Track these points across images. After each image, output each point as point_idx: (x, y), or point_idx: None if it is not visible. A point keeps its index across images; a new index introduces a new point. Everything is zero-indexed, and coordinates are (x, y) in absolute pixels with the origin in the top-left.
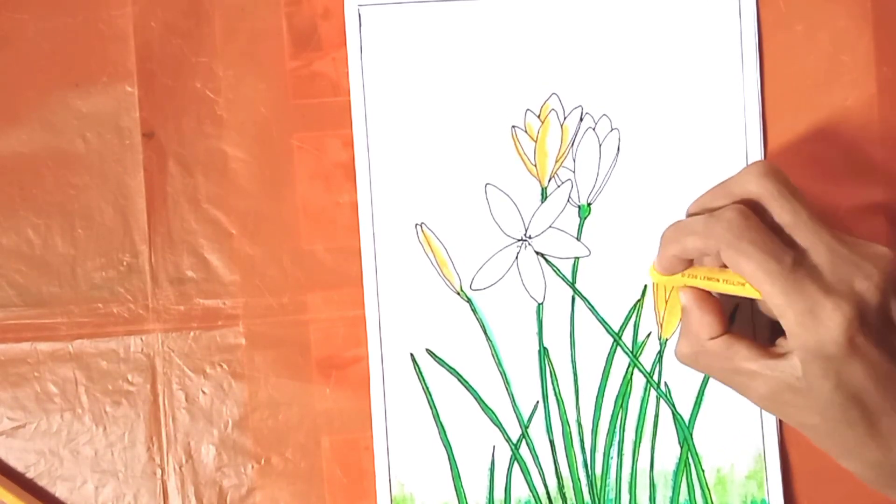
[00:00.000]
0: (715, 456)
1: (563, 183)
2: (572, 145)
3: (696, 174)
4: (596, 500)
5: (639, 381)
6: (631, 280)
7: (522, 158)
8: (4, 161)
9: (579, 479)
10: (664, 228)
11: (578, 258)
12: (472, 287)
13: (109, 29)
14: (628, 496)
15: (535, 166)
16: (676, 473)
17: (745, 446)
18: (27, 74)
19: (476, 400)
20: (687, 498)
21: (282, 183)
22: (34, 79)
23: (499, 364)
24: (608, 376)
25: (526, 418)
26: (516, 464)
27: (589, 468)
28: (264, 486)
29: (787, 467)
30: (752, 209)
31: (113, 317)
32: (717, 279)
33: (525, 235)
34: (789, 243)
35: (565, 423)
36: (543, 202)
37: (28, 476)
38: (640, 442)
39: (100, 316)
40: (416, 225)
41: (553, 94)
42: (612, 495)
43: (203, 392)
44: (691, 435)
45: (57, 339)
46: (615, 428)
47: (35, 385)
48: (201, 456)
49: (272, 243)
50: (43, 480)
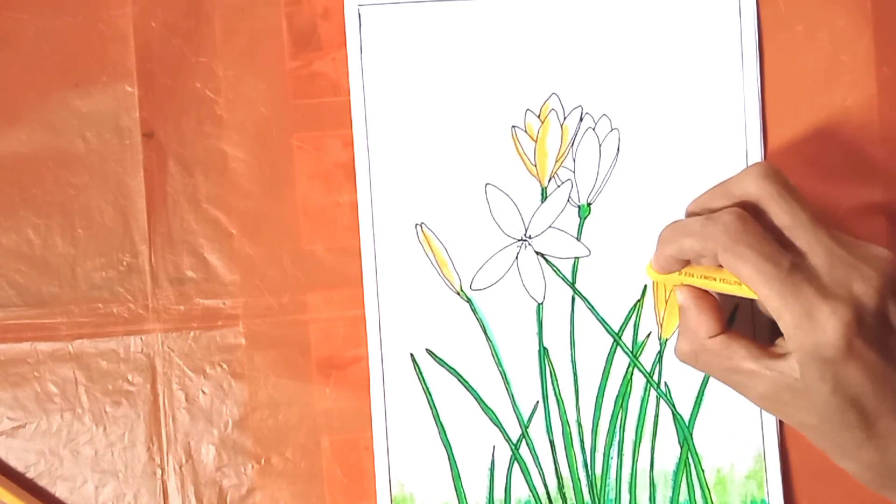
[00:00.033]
0: (715, 456)
1: (563, 183)
2: (572, 145)
3: (696, 174)
4: (596, 500)
5: (639, 381)
6: (631, 280)
7: (522, 158)
8: (4, 161)
9: (579, 479)
10: (662, 227)
11: (578, 258)
12: (472, 287)
13: (109, 29)
14: (628, 496)
15: (535, 166)
16: (676, 473)
17: (745, 446)
18: (27, 74)
19: (476, 400)
20: (687, 498)
21: (282, 183)
22: (34, 79)
23: (499, 364)
24: (608, 376)
25: (526, 418)
26: (516, 464)
27: (589, 468)
28: (264, 486)
29: (787, 467)
30: (751, 210)
31: (113, 317)
32: (715, 278)
33: (525, 235)
34: (787, 245)
35: (565, 423)
36: (543, 202)
37: (28, 476)
38: (640, 442)
39: (100, 316)
40: (416, 225)
41: (553, 94)
42: (612, 495)
43: (203, 392)
44: (691, 435)
45: (57, 339)
46: (615, 428)
47: (35, 385)
48: (201, 456)
49: (272, 243)
50: (43, 480)
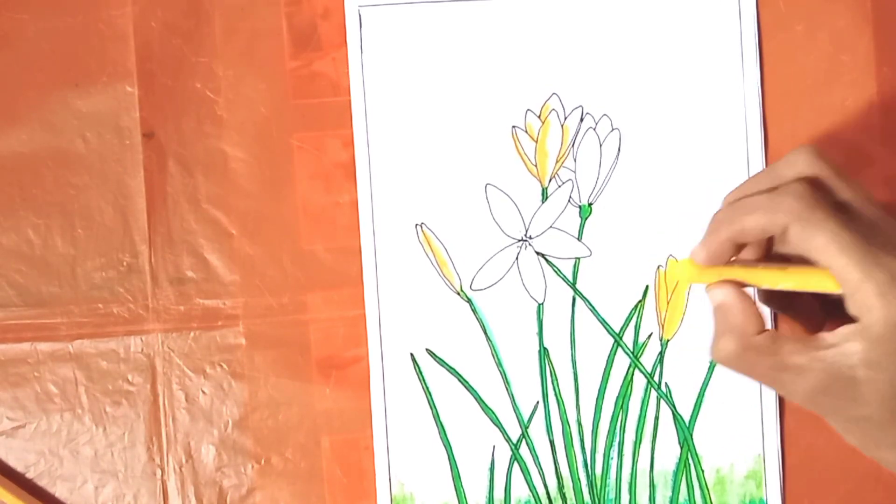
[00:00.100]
0: (715, 456)
1: (564, 183)
2: (573, 145)
3: (697, 174)
4: (596, 500)
5: (639, 382)
6: (632, 280)
7: (523, 158)
8: (4, 161)
9: (579, 479)
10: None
11: (579, 258)
12: (473, 287)
13: (109, 29)
14: (628, 496)
15: (536, 166)
16: (676, 474)
17: (745, 447)
18: (27, 74)
19: (476, 400)
20: (686, 498)
21: (282, 183)
22: (34, 79)
23: (499, 364)
24: (608, 377)
25: (526, 418)
26: (516, 464)
27: (589, 468)
28: (264, 486)
29: (786, 468)
30: None
31: (113, 317)
32: (756, 268)
33: (525, 236)
34: (854, 219)
35: (565, 424)
36: (544, 202)
37: (28, 476)
38: (641, 442)
39: (100, 316)
40: (416, 225)
41: (553, 95)
42: (612, 495)
43: (203, 392)
44: (691, 435)
45: (57, 339)
46: (615, 428)
47: (35, 385)
48: (201, 456)
49: (272, 243)
50: (43, 480)
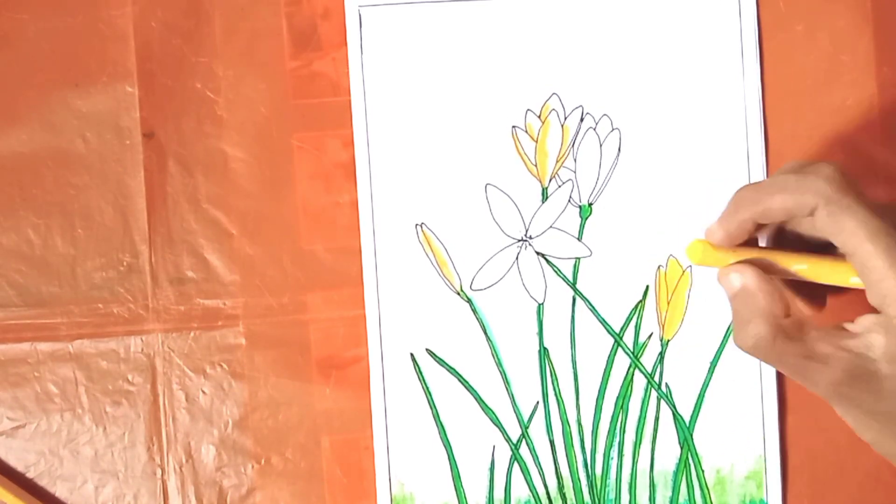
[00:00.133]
0: (715, 456)
1: (564, 183)
2: (573, 145)
3: (697, 174)
4: (596, 500)
5: (639, 382)
6: (632, 280)
7: (523, 158)
8: (4, 161)
9: (579, 479)
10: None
11: (579, 258)
12: (473, 287)
13: (109, 29)
14: (628, 496)
15: (536, 166)
16: (676, 474)
17: (745, 447)
18: (27, 74)
19: (476, 400)
20: (686, 498)
21: (282, 183)
22: (34, 79)
23: (499, 364)
24: (609, 377)
25: (526, 418)
26: (516, 464)
27: (589, 468)
28: (264, 486)
29: (786, 468)
30: None
31: (113, 317)
32: (774, 251)
33: (525, 236)
34: (883, 211)
35: (565, 424)
36: (544, 202)
37: (28, 476)
38: (641, 442)
39: (100, 316)
40: (416, 225)
41: (553, 94)
42: (612, 495)
43: (203, 392)
44: (692, 436)
45: (57, 339)
46: (615, 428)
47: (35, 385)
48: (201, 456)
49: (272, 243)
50: (43, 480)
